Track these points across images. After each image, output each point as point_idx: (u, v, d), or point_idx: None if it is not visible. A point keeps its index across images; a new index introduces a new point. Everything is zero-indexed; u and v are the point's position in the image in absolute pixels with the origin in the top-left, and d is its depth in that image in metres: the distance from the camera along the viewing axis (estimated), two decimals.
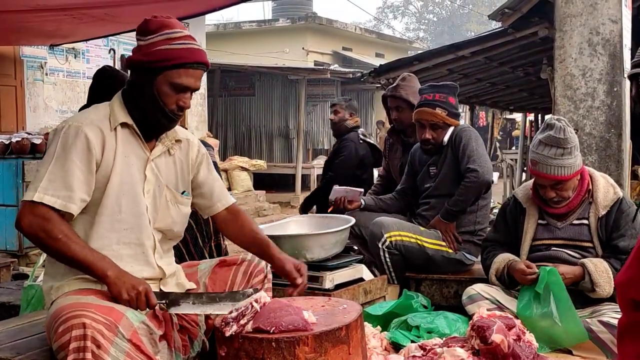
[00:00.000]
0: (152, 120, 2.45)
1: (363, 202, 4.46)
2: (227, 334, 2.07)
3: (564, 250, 3.46)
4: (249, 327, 2.07)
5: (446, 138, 4.19)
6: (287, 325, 2.04)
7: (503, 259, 3.53)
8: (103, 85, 3.74)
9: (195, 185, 2.68)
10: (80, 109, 3.71)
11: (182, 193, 2.60)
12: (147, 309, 2.30)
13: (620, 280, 1.54)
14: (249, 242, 2.75)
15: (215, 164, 4.28)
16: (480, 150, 4.10)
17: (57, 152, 2.33)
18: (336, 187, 4.73)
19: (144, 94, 2.42)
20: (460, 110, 4.88)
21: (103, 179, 2.38)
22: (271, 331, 2.03)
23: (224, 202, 2.75)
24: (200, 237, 3.60)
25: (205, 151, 2.75)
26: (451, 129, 4.21)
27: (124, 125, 2.44)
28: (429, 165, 4.34)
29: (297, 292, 2.61)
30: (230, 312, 2.18)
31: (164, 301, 2.35)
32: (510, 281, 3.49)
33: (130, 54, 2.48)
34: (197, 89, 2.48)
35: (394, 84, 4.84)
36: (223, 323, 2.13)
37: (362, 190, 4.68)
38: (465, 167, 4.05)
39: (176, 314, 2.47)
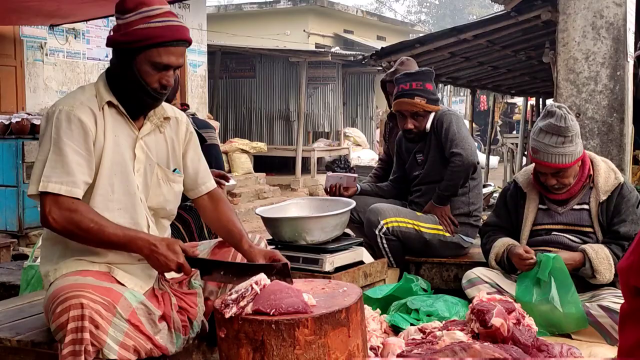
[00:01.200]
0: (136, 99, 2.42)
1: (359, 188, 4.45)
2: (227, 315, 2.06)
3: (564, 235, 3.45)
4: (248, 309, 2.07)
5: (428, 125, 4.19)
6: (287, 307, 2.04)
7: (503, 243, 3.52)
8: None
9: (183, 165, 2.64)
10: None
11: (174, 171, 2.58)
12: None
13: (622, 266, 1.52)
14: (223, 233, 2.69)
15: (217, 146, 4.24)
16: (463, 133, 4.10)
17: (53, 139, 2.30)
18: (329, 174, 4.71)
19: (126, 74, 2.38)
20: (439, 94, 4.84)
21: (97, 159, 2.36)
22: (271, 313, 2.02)
23: (208, 185, 2.71)
24: (207, 226, 3.58)
25: (193, 130, 2.71)
26: (432, 114, 4.19)
27: (110, 104, 2.42)
28: (415, 153, 4.34)
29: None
30: (230, 294, 2.18)
31: (196, 269, 2.41)
32: (509, 266, 3.49)
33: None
34: (180, 66, 2.44)
35: (392, 69, 4.81)
36: (222, 305, 2.12)
37: (357, 175, 4.68)
38: (450, 151, 4.06)
39: (175, 295, 2.47)
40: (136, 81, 2.37)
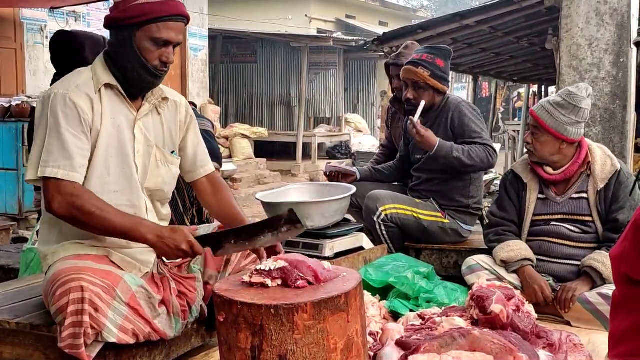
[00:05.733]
0: (136, 78, 2.40)
1: (358, 175, 4.42)
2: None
3: (563, 225, 3.41)
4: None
5: (438, 104, 4.11)
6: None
7: (519, 249, 3.44)
8: (65, 53, 3.59)
9: (182, 147, 2.63)
10: (53, 79, 3.63)
11: (172, 153, 2.57)
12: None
13: (615, 254, 1.51)
14: (225, 217, 2.67)
15: (210, 133, 4.19)
16: (486, 135, 4.03)
17: (50, 123, 2.29)
18: (329, 163, 4.70)
19: (125, 52, 2.37)
20: (450, 77, 4.75)
21: (92, 142, 2.35)
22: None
23: (206, 169, 2.69)
24: (181, 202, 3.57)
25: (193, 113, 2.70)
26: (444, 99, 4.13)
27: (107, 86, 2.40)
28: None
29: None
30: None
31: (208, 247, 2.33)
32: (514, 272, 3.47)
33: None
34: (179, 43, 2.43)
35: (397, 52, 4.78)
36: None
37: (355, 169, 4.64)
38: (482, 143, 3.95)
39: (174, 279, 2.47)
40: (137, 58, 2.36)
